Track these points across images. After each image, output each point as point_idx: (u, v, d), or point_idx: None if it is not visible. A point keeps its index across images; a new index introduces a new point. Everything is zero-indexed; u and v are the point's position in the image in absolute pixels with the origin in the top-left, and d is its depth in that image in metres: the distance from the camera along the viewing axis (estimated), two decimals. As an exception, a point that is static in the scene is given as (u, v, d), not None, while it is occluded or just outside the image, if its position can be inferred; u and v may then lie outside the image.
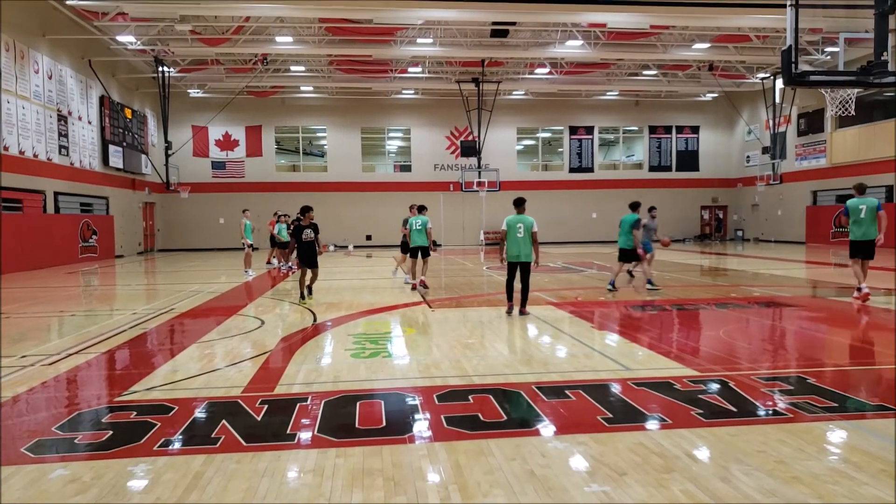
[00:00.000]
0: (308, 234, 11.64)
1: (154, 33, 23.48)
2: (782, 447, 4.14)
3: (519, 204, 9.65)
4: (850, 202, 10.80)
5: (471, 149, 32.37)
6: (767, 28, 23.54)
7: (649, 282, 12.80)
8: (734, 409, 4.95)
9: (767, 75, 30.39)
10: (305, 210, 11.84)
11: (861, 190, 10.88)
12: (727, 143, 37.99)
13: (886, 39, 9.05)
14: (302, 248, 11.62)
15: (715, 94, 35.61)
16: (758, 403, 5.12)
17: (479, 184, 31.90)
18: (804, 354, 7.29)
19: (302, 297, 11.74)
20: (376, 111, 35.44)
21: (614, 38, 25.19)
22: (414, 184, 35.11)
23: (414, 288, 13.44)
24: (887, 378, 6.03)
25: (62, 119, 23.11)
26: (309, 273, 11.79)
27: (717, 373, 6.10)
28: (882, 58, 8.94)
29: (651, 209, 15.08)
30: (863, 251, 10.77)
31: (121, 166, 27.86)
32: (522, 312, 9.64)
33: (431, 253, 13.64)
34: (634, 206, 13.03)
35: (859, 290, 10.75)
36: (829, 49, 25.28)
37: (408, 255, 14.21)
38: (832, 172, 29.80)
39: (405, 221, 14.10)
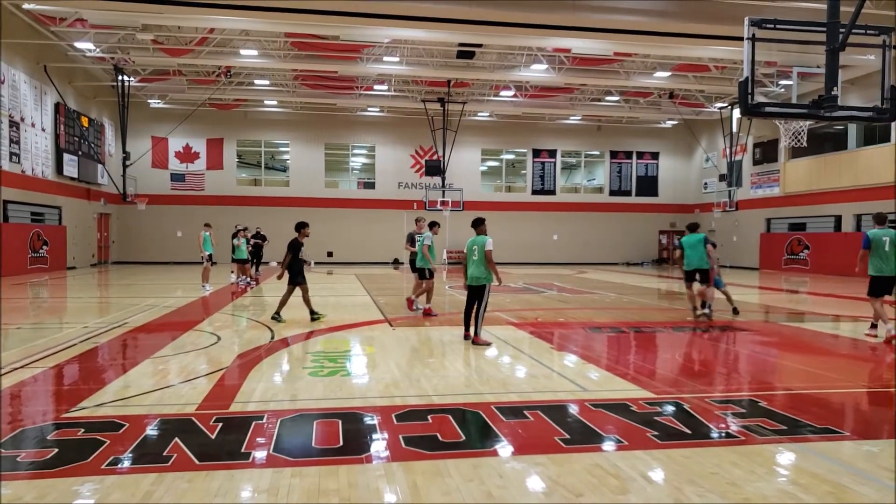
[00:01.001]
0: (303, 250, 11.48)
1: (114, 41, 23.09)
2: (734, 469, 4.22)
3: (475, 225, 9.19)
4: (872, 233, 9.83)
5: (435, 168, 32.49)
6: (726, 59, 24.32)
7: (709, 306, 11.78)
8: (688, 432, 5.03)
9: (725, 105, 31.33)
10: (302, 226, 11.50)
11: (881, 220, 9.97)
12: (686, 170, 38.91)
13: (837, 75, 9.40)
14: (299, 264, 11.31)
15: (675, 122, 36.53)
16: (711, 426, 5.21)
17: (443, 203, 32.00)
18: (756, 378, 7.45)
19: (277, 316, 11.24)
20: (341, 127, 35.37)
21: (578, 63, 25.71)
22: (377, 201, 35.11)
23: (411, 309, 12.57)
24: (835, 402, 6.20)
25: (14, 125, 22.46)
26: (297, 290, 11.38)
27: (672, 395, 6.19)
28: (833, 92, 9.26)
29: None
30: (884, 287, 9.74)
31: (75, 175, 27.18)
32: (473, 339, 8.99)
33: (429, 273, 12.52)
34: (695, 227, 12.06)
35: (874, 326, 9.98)
36: (783, 82, 26.24)
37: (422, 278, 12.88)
38: (785, 201, 30.77)
39: (410, 238, 13.25)
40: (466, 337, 9.27)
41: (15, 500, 3.63)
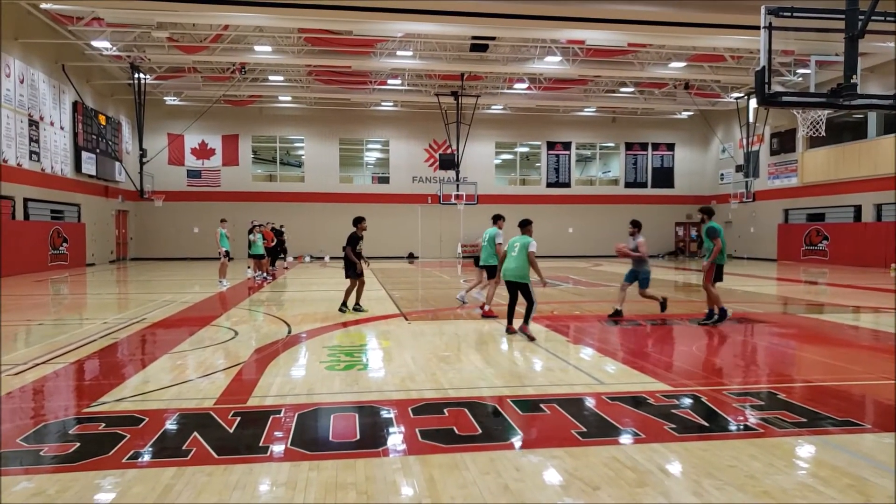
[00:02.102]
0: (360, 245, 11.65)
1: (130, 39, 23.28)
2: (753, 462, 4.19)
3: (522, 225, 9.38)
4: None
5: (449, 162, 32.48)
6: (742, 49, 24.05)
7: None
8: (706, 424, 5.00)
9: (741, 95, 30.98)
10: (360, 220, 11.70)
11: None
12: (702, 161, 38.57)
13: (856, 63, 9.25)
14: (358, 258, 11.60)
15: (690, 113, 36.21)
16: (729, 418, 5.18)
17: (458, 197, 32.00)
18: (775, 370, 7.38)
19: (358, 307, 11.70)
20: (355, 122, 35.43)
21: (592, 54, 25.54)
22: (392, 195, 35.17)
23: (486, 315, 11.12)
24: (855, 394, 6.13)
25: (33, 124, 22.75)
26: (357, 283, 11.75)
27: (689, 388, 6.15)
28: (852, 80, 9.12)
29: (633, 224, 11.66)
30: None
31: (94, 173, 27.49)
32: (521, 329, 9.09)
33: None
34: (712, 213, 10.61)
35: None
36: (801, 71, 25.88)
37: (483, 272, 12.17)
38: (803, 191, 30.41)
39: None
40: (509, 331, 9.26)
41: (38, 494, 3.68)
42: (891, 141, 25.22)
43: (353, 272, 11.58)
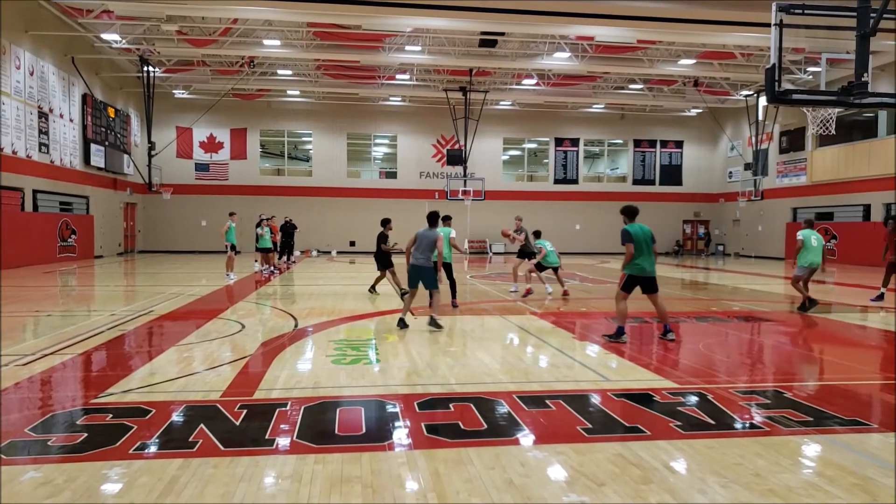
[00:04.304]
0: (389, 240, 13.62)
1: (139, 32, 23.32)
2: (758, 460, 4.18)
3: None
4: None
5: (457, 157, 32.40)
6: (752, 46, 23.90)
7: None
8: (712, 422, 4.99)
9: (751, 93, 30.80)
10: (388, 221, 13.66)
11: None
12: (710, 159, 38.40)
13: (867, 61, 9.17)
14: (388, 253, 13.52)
15: (699, 110, 36.03)
16: (735, 416, 5.16)
17: (465, 192, 31.92)
18: (781, 369, 7.36)
19: (403, 293, 12.53)
20: (363, 117, 35.43)
21: (601, 51, 25.44)
22: (399, 191, 35.16)
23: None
24: (862, 393, 6.10)
25: (43, 116, 22.85)
26: (388, 274, 13.74)
27: (695, 385, 6.14)
28: (863, 78, 9.03)
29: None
30: None
31: (102, 166, 27.60)
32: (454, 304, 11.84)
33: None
34: (629, 213, 8.61)
35: None
36: (811, 69, 25.72)
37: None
38: (812, 190, 30.23)
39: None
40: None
41: (45, 483, 3.71)
42: (901, 140, 25.05)
43: (384, 264, 13.56)
